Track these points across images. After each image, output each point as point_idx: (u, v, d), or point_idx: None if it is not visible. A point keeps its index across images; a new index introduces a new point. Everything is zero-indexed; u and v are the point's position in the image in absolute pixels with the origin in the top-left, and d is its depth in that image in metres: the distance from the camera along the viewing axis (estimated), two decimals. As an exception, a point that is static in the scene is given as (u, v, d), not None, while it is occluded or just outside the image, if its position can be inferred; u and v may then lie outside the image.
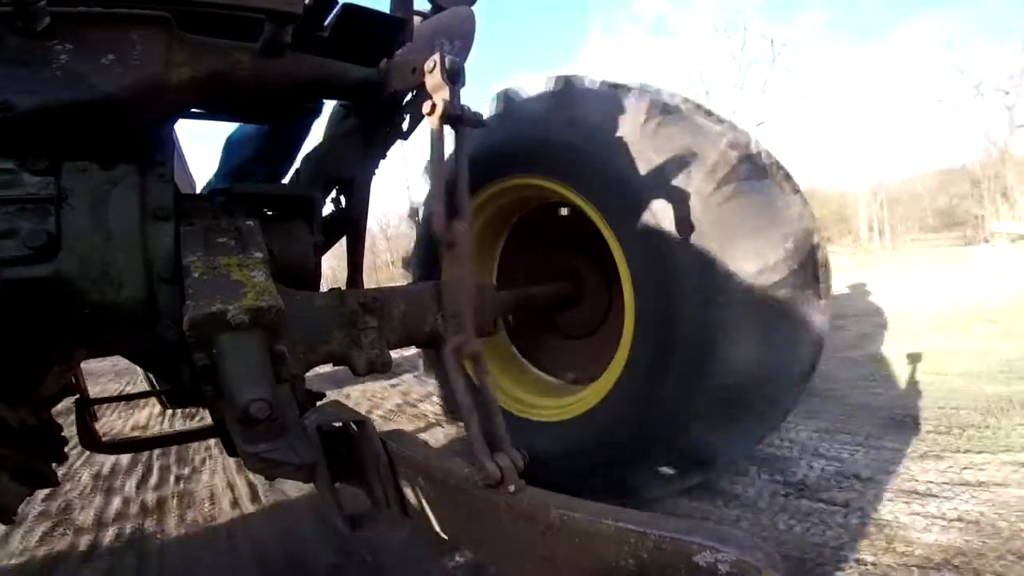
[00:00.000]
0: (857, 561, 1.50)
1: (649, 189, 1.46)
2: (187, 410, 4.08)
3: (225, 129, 2.03)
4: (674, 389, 1.48)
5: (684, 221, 1.41)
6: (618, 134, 1.52)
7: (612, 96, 1.59)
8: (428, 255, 2.27)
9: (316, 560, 1.81)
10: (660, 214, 1.44)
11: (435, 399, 3.06)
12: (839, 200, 26.50)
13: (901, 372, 3.44)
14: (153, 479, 2.87)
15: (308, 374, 1.34)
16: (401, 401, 4.09)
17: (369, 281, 1.95)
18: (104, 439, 1.99)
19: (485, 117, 1.18)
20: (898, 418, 2.59)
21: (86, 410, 1.86)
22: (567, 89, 1.69)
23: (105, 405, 4.05)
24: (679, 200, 1.41)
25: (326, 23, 1.32)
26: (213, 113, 1.74)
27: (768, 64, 23.27)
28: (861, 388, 3.17)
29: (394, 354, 1.45)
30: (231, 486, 2.62)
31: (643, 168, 1.46)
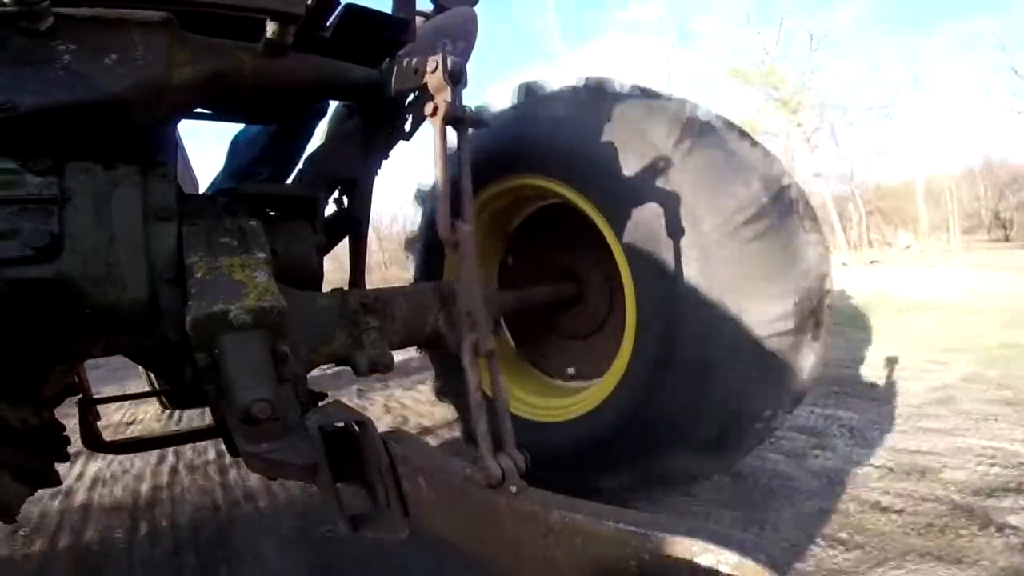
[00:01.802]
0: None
1: (610, 163, 1.56)
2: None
3: (232, 129, 2.03)
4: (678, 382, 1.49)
5: (646, 186, 1.50)
6: (576, 123, 1.65)
7: (569, 92, 1.74)
8: (428, 268, 2.27)
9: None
10: (623, 185, 1.55)
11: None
12: (895, 194, 25.01)
13: None
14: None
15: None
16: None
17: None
18: (107, 439, 2.00)
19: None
20: None
21: (89, 410, 1.86)
22: (529, 94, 1.86)
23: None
24: (639, 166, 1.52)
25: (328, 23, 1.32)
26: (216, 113, 1.75)
27: (805, 59, 21.37)
28: None
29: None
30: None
31: (600, 146, 1.58)
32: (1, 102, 0.92)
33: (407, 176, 2.24)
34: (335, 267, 2.98)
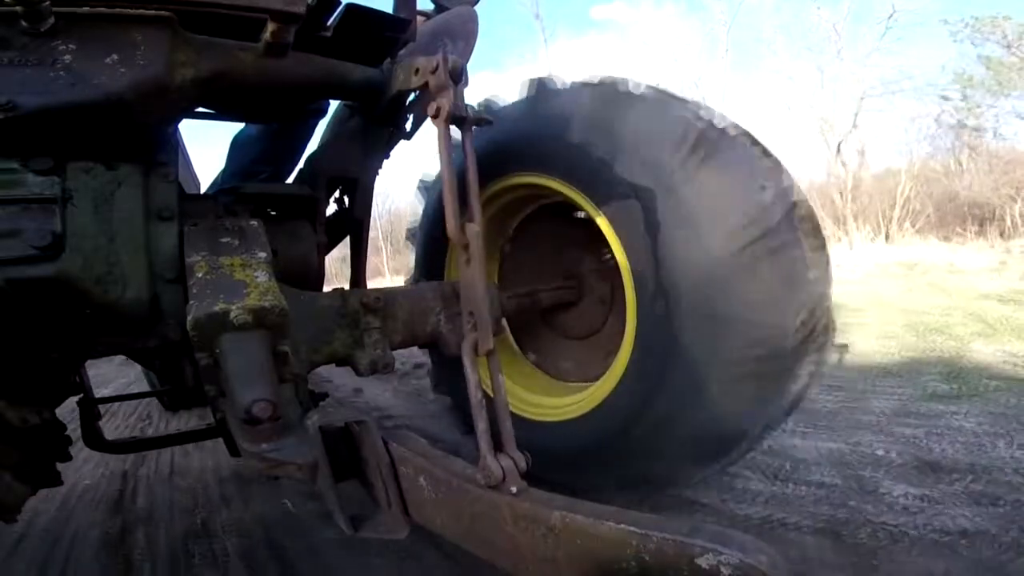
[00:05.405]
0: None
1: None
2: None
3: (233, 129, 2.04)
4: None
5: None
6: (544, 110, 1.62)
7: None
8: (428, 265, 2.26)
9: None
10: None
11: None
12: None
13: None
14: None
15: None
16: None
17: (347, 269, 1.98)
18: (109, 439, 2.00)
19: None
20: None
21: (90, 409, 1.86)
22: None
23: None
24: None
25: (329, 23, 1.32)
26: (217, 113, 1.75)
27: (878, 35, 17.52)
28: None
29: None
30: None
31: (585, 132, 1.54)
32: (2, 102, 0.92)
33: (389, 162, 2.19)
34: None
